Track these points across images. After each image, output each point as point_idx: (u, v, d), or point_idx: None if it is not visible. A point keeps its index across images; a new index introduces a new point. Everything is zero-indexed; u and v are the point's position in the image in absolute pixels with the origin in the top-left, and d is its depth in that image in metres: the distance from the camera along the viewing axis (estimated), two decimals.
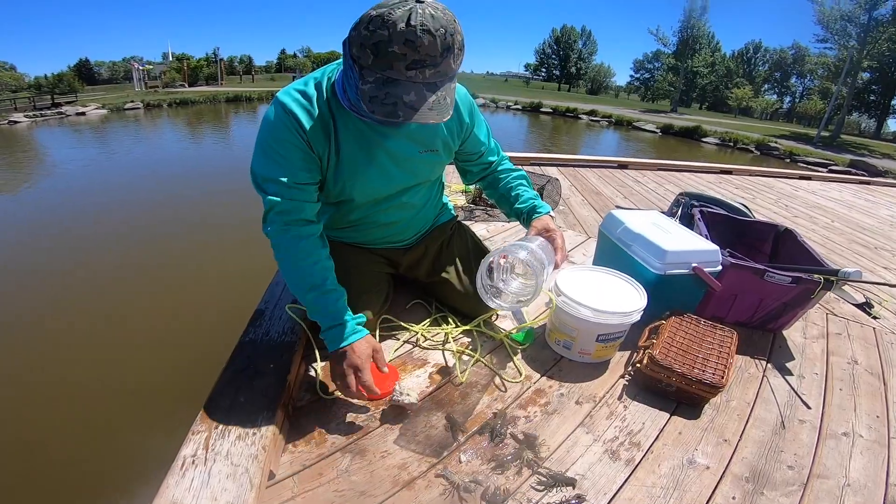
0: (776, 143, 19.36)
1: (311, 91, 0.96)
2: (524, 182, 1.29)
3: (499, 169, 1.30)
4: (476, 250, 1.39)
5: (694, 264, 1.30)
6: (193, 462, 0.76)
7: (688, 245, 1.35)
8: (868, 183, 5.05)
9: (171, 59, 41.06)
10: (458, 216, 1.52)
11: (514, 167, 1.32)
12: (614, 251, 1.47)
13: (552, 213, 1.20)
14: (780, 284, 1.36)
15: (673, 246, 1.31)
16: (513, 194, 1.26)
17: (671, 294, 1.33)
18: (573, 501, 0.85)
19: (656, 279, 1.30)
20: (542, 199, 1.29)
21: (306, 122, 0.94)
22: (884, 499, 0.92)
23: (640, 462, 0.96)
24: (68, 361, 3.00)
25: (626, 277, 1.30)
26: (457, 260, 1.35)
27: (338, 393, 1.01)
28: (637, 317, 1.16)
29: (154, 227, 5.58)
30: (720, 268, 1.35)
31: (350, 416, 1.00)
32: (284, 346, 1.08)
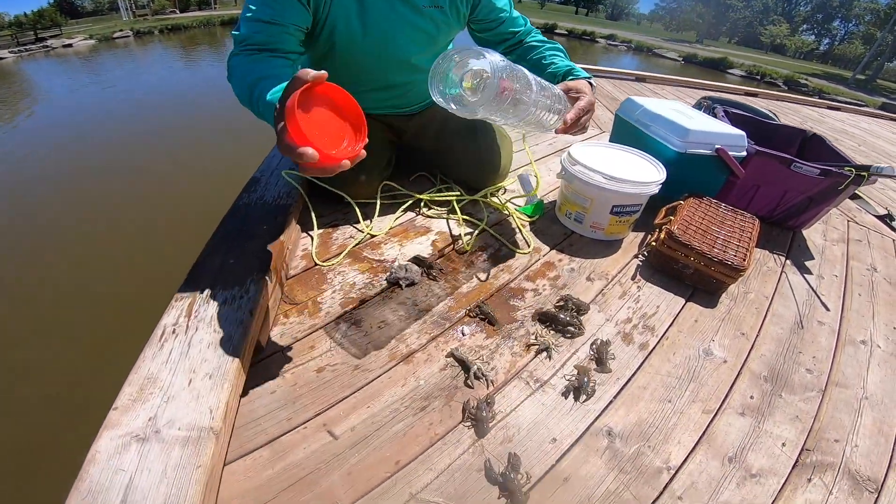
0: (806, 80, 18.38)
1: None
2: (560, 53, 1.15)
3: (528, 40, 1.17)
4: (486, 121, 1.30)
5: (718, 146, 1.20)
6: (174, 331, 0.70)
7: (712, 127, 1.26)
8: None
9: None
10: None
11: (548, 40, 1.18)
12: (631, 133, 1.38)
13: (592, 82, 1.04)
14: (808, 175, 1.28)
15: (697, 126, 1.22)
16: (545, 62, 1.12)
17: (691, 175, 1.24)
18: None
19: (676, 157, 1.21)
20: None
21: None
22: None
23: (654, 348, 0.91)
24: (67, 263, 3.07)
25: (643, 154, 1.22)
26: (465, 128, 1.26)
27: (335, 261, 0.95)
28: (655, 189, 1.09)
29: (153, 137, 5.56)
30: (745, 154, 1.25)
31: (346, 285, 0.95)
32: (279, 208, 1.01)
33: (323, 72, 0.55)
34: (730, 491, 0.69)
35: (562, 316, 0.92)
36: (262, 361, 0.77)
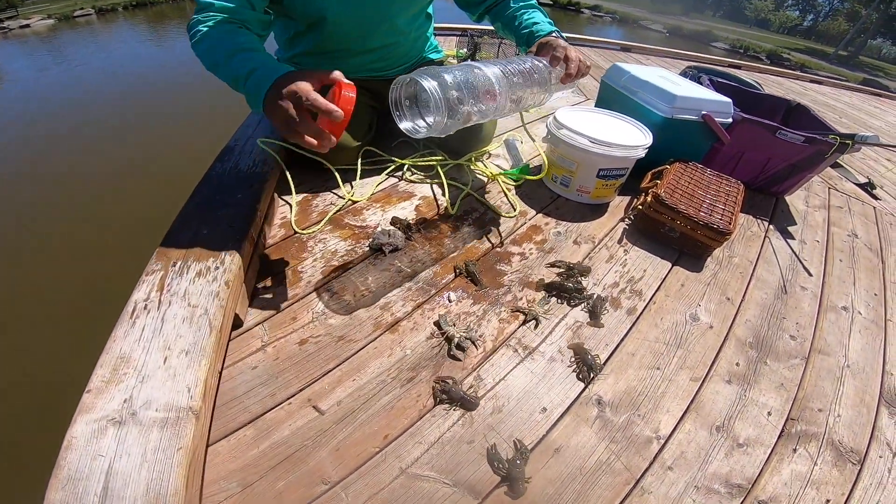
0: (789, 55, 18.47)
1: None
2: (530, 9, 1.11)
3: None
4: None
5: (704, 112, 1.19)
6: (146, 307, 0.65)
7: (699, 94, 1.24)
8: (880, 95, 4.80)
9: None
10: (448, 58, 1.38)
11: None
12: (617, 99, 1.36)
13: (558, 34, 1.02)
14: (792, 143, 1.28)
15: (683, 92, 1.21)
16: (516, 23, 1.09)
17: (677, 141, 1.23)
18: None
19: (663, 122, 1.20)
20: None
21: None
22: (880, 387, 0.88)
23: (642, 313, 0.91)
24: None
25: (629, 119, 1.20)
26: None
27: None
28: (642, 153, 1.08)
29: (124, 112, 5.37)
30: (731, 121, 1.25)
31: (328, 252, 0.92)
32: (254, 175, 0.96)
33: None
34: (718, 461, 0.69)
35: (569, 284, 0.91)
36: (241, 335, 0.74)
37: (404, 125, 0.79)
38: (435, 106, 0.71)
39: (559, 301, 0.90)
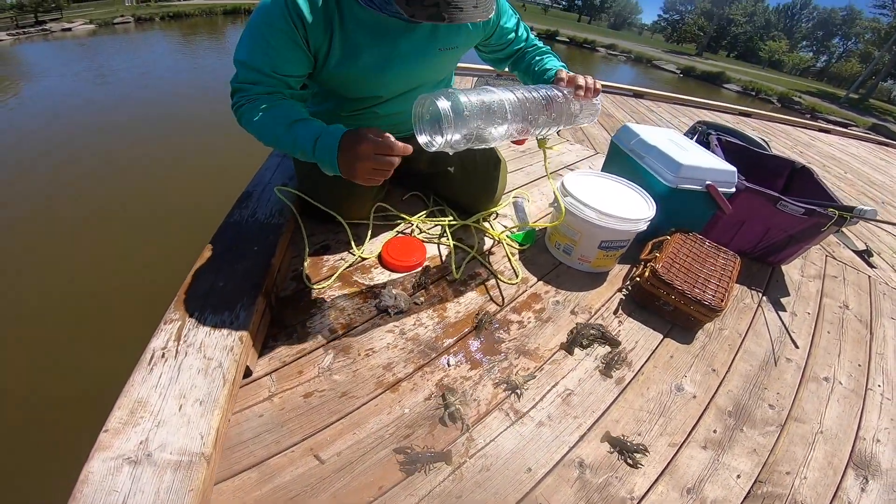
0: (800, 97, 18.63)
1: None
2: (546, 54, 1.17)
3: (526, 49, 1.20)
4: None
5: (708, 182, 1.24)
6: (163, 355, 0.70)
7: (704, 162, 1.28)
8: (887, 145, 4.88)
9: None
10: None
11: (541, 45, 1.21)
12: (625, 162, 1.40)
13: (564, 68, 1.07)
14: (792, 215, 1.31)
15: (689, 161, 1.25)
16: (533, 68, 1.14)
17: (679, 210, 1.27)
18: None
19: (667, 192, 1.24)
20: None
21: (308, 13, 0.82)
22: (851, 451, 0.92)
23: (629, 382, 0.94)
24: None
25: (635, 187, 1.24)
26: (462, 152, 1.26)
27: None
28: (644, 226, 1.11)
29: (145, 128, 5.42)
30: (734, 190, 1.29)
31: (336, 309, 0.96)
32: (271, 227, 1.01)
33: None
34: None
35: (593, 331, 1.00)
36: (250, 384, 0.78)
37: (422, 139, 0.82)
38: (447, 123, 0.75)
39: (580, 349, 0.98)
